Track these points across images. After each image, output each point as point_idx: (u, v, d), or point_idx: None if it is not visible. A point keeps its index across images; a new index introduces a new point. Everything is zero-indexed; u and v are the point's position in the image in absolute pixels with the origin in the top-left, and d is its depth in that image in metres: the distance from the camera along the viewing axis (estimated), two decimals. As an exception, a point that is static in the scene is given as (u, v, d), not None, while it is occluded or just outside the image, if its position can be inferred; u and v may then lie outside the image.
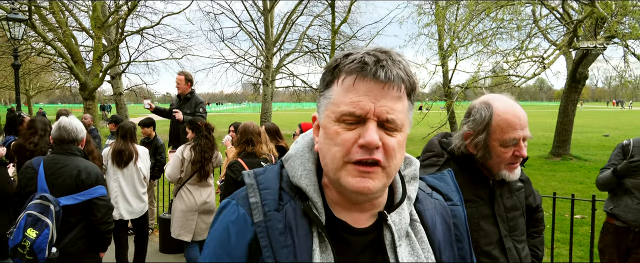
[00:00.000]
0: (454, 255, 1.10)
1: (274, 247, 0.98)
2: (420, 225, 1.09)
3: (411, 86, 1.00)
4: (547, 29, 13.86)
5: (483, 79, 14.23)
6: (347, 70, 0.98)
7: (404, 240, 1.05)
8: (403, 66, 0.98)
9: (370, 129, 0.95)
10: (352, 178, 0.96)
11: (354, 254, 1.02)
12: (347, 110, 0.96)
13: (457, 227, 1.13)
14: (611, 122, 36.29)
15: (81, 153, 3.63)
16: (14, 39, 11.78)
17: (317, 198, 1.03)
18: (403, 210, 1.07)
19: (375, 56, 0.97)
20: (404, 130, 1.00)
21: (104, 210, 3.55)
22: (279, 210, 1.02)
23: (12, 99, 50.49)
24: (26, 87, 32.97)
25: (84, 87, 17.62)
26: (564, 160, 14.37)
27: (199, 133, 5.03)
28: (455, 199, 1.18)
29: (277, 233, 0.99)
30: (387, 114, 0.95)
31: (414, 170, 1.14)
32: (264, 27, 22.81)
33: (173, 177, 5.02)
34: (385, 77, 0.95)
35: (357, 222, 1.05)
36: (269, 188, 1.05)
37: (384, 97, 0.96)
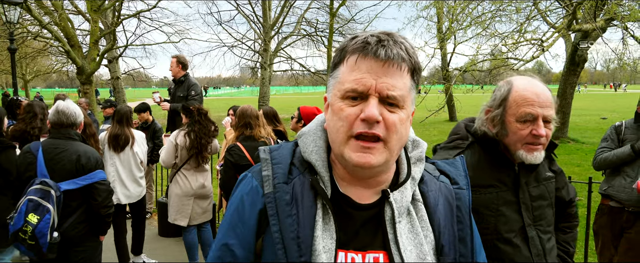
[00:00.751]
0: (454, 235, 1.13)
1: (280, 216, 1.06)
2: (422, 205, 1.13)
3: (413, 65, 1.05)
4: (547, 11, 13.75)
5: (482, 62, 14.17)
6: (351, 50, 1.05)
7: (405, 217, 1.10)
8: (405, 47, 1.03)
9: (371, 104, 1.00)
10: (353, 153, 1.02)
11: (355, 227, 1.08)
12: (350, 87, 1.02)
13: (459, 209, 1.16)
14: (609, 105, 36.33)
15: (79, 137, 3.62)
16: (9, 23, 11.68)
17: (324, 173, 1.10)
18: (406, 189, 1.12)
19: (377, 37, 1.03)
20: (406, 107, 1.05)
21: (104, 194, 3.56)
22: (288, 182, 1.10)
23: (8, 83, 50.27)
24: (23, 72, 32.77)
25: (81, 71, 17.53)
26: (561, 143, 14.41)
27: (192, 118, 4.99)
28: (461, 183, 1.21)
29: (283, 203, 1.07)
30: (387, 90, 1.01)
31: (420, 152, 1.19)
32: (262, 10, 22.65)
33: (167, 163, 5.01)
34: (386, 55, 1.00)
35: (361, 198, 1.10)
36: (281, 163, 1.13)
37: (385, 75, 1.01)
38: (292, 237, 1.04)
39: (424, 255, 1.06)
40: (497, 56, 13.55)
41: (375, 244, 1.07)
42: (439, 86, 17.61)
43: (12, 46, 12.08)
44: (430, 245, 1.09)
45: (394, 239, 1.06)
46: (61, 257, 3.49)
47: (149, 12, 21.05)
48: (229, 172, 4.24)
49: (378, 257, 1.06)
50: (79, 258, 3.58)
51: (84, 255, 3.62)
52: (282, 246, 1.04)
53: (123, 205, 5.21)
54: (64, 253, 3.50)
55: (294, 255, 1.03)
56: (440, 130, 19.51)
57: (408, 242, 1.07)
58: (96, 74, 22.80)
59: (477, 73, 15.31)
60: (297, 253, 1.03)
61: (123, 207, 5.24)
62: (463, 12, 13.60)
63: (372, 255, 1.06)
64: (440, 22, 15.92)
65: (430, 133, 18.49)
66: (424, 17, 16.49)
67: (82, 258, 3.60)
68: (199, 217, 5.07)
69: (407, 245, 1.06)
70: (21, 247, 3.33)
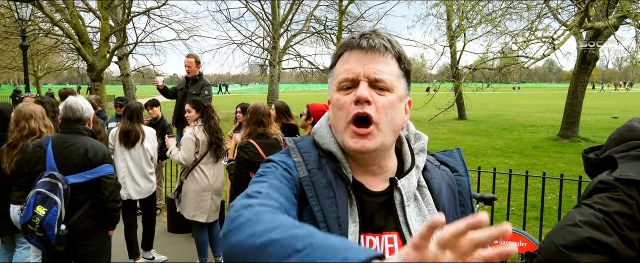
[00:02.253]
0: (458, 216, 1.23)
1: (320, 197, 1.12)
2: (427, 190, 1.24)
3: (397, 53, 1.17)
4: (558, 9, 13.64)
5: (492, 60, 14.08)
6: (341, 49, 1.19)
7: (413, 202, 1.20)
8: (387, 38, 1.17)
9: (361, 87, 1.12)
10: (350, 139, 1.14)
11: (371, 212, 1.18)
12: (343, 77, 1.16)
13: (461, 194, 1.28)
14: (620, 104, 35.95)
15: (89, 132, 3.66)
16: (21, 20, 11.79)
17: (345, 161, 1.19)
18: (411, 176, 1.22)
19: (361, 33, 1.17)
20: (396, 91, 1.16)
21: (111, 188, 3.59)
22: (320, 169, 1.18)
23: (20, 80, 50.69)
24: (34, 68, 33.09)
25: (92, 68, 17.65)
26: (572, 142, 14.29)
27: (207, 114, 5.04)
28: (460, 171, 1.32)
29: (322, 186, 1.14)
30: (374, 74, 1.13)
31: (422, 144, 1.30)
32: (271, 8, 22.63)
33: (189, 161, 5.02)
34: (368, 45, 1.14)
35: (372, 186, 1.21)
36: (309, 152, 1.22)
37: (371, 62, 1.14)
38: (334, 216, 1.11)
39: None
40: (507, 54, 13.47)
41: (388, 227, 1.17)
42: (448, 84, 17.53)
43: (24, 43, 12.20)
44: None
45: (404, 221, 1.17)
46: (70, 250, 3.54)
47: (159, 10, 21.12)
48: (242, 169, 4.24)
49: (392, 237, 1.16)
50: (87, 252, 3.62)
51: (92, 249, 3.65)
52: (325, 225, 1.10)
53: (134, 200, 5.25)
54: (72, 247, 3.55)
55: (337, 234, 1.09)
56: (450, 128, 19.43)
57: (417, 223, 1.17)
58: (106, 70, 22.94)
59: (487, 71, 15.22)
60: (338, 232, 1.10)
61: (134, 202, 5.28)
62: (473, 9, 13.53)
63: (387, 236, 1.16)
64: (450, 20, 15.82)
65: (440, 131, 18.41)
66: (433, 14, 16.44)
67: (89, 252, 3.63)
68: (214, 214, 5.11)
69: (416, 226, 1.16)
70: (31, 239, 3.39)
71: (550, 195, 7.86)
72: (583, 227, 1.51)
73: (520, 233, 4.20)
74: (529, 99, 45.23)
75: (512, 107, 33.10)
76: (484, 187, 6.55)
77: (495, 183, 5.25)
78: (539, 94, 58.29)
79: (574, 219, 1.56)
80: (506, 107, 33.71)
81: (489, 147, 14.21)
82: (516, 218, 6.59)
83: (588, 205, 1.59)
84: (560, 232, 1.55)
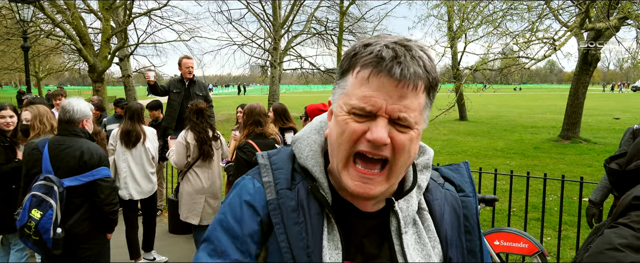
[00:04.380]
0: (462, 247, 1.07)
1: (286, 224, 0.98)
2: (428, 214, 1.07)
3: (430, 84, 0.95)
4: (559, 9, 13.61)
5: (492, 60, 14.07)
6: (363, 62, 0.94)
7: (411, 227, 1.04)
8: (423, 63, 0.93)
9: (379, 126, 0.92)
10: (352, 182, 0.96)
11: (359, 238, 1.01)
12: (358, 105, 0.93)
13: (467, 218, 1.09)
14: (621, 105, 35.91)
15: (86, 134, 3.62)
16: (23, 21, 11.80)
17: (323, 179, 1.02)
18: (411, 197, 1.05)
19: (394, 50, 0.92)
20: (417, 127, 0.96)
21: (107, 191, 3.54)
22: (291, 188, 1.02)
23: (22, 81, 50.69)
24: (36, 69, 33.11)
25: (93, 69, 17.67)
26: (573, 143, 14.27)
27: (200, 116, 4.97)
28: (467, 190, 1.13)
29: (289, 210, 0.99)
30: (399, 112, 0.92)
31: (427, 159, 1.12)
32: (272, 9, 22.65)
33: (180, 164, 5.03)
34: (401, 75, 0.90)
35: (364, 206, 1.03)
36: (282, 168, 1.05)
37: (398, 95, 0.91)
38: (302, 246, 0.96)
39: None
40: (508, 55, 13.46)
41: (381, 256, 1.01)
42: (449, 85, 17.51)
43: (26, 44, 12.21)
44: (438, 257, 1.03)
45: (401, 251, 1.00)
46: (68, 254, 3.51)
47: (160, 11, 21.12)
48: (242, 169, 4.24)
49: None
50: (84, 256, 3.58)
51: (90, 253, 3.61)
52: (291, 257, 0.96)
53: (135, 201, 5.25)
54: (70, 250, 3.51)
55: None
56: (451, 129, 19.43)
57: (415, 253, 1.01)
58: (107, 71, 22.96)
59: (488, 72, 15.20)
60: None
61: (135, 202, 5.28)
62: (474, 10, 13.52)
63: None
64: (451, 21, 15.81)
65: (440, 132, 18.41)
66: (434, 15, 16.42)
67: (87, 255, 3.60)
68: (209, 217, 5.09)
69: (415, 257, 1.00)
70: (27, 242, 3.37)
71: (551, 196, 7.85)
72: (624, 250, 1.34)
73: (521, 235, 4.20)
74: (530, 100, 45.19)
75: (513, 108, 33.07)
76: (485, 188, 6.54)
77: (497, 184, 5.25)
78: (540, 95, 58.23)
79: (612, 242, 1.38)
80: (507, 108, 33.68)
81: (490, 148, 14.20)
82: (517, 219, 6.59)
83: (626, 225, 1.42)
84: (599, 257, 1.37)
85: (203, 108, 4.99)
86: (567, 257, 5.36)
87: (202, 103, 5.06)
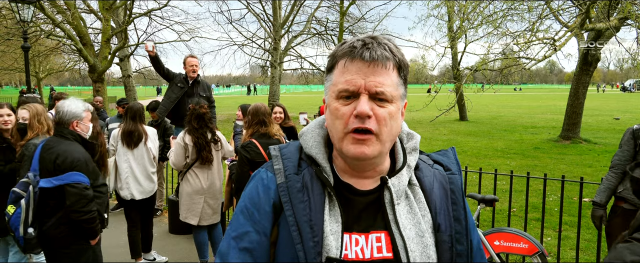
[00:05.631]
0: (449, 215, 1.22)
1: (293, 202, 1.17)
2: (419, 189, 1.24)
3: (398, 62, 1.16)
4: (559, 10, 13.61)
5: (493, 61, 14.07)
6: (341, 55, 1.16)
7: (404, 200, 1.21)
8: (388, 47, 1.15)
9: (362, 101, 1.11)
10: (351, 145, 1.14)
11: (358, 212, 1.19)
12: (343, 88, 1.14)
13: (453, 192, 1.26)
14: (622, 105, 35.91)
15: (74, 136, 3.52)
16: (23, 21, 11.80)
17: (325, 164, 1.22)
18: (402, 175, 1.22)
19: (363, 41, 1.14)
20: (395, 101, 1.16)
21: (74, 198, 3.36)
22: (298, 174, 1.22)
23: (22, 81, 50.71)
24: (36, 70, 33.10)
25: (93, 69, 17.69)
26: (573, 144, 14.27)
27: (198, 117, 4.95)
28: (453, 169, 1.31)
29: (295, 190, 1.19)
30: (375, 87, 1.12)
31: (414, 143, 1.30)
32: (272, 9, 22.65)
33: (178, 165, 5.02)
34: (370, 57, 1.12)
35: (362, 186, 1.22)
36: (290, 158, 1.26)
37: (372, 74, 1.12)
38: (306, 219, 1.15)
39: (422, 232, 1.17)
40: (508, 55, 13.46)
41: (376, 225, 1.18)
42: (449, 85, 17.52)
43: (26, 44, 12.21)
44: (428, 224, 1.20)
45: (394, 219, 1.17)
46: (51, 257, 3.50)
47: (160, 11, 21.12)
48: (244, 168, 4.26)
49: (380, 236, 1.17)
50: (66, 260, 3.51)
51: (70, 259, 3.51)
52: (296, 228, 1.15)
53: (137, 200, 5.24)
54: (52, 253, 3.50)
55: (308, 236, 1.14)
56: (451, 129, 19.42)
57: (407, 221, 1.17)
58: (108, 72, 22.97)
59: (488, 72, 15.21)
60: (310, 235, 1.14)
61: (136, 202, 5.28)
62: (474, 10, 13.52)
63: (374, 235, 1.17)
64: (451, 21, 15.82)
65: (441, 132, 18.41)
66: (434, 15, 16.46)
67: (67, 261, 3.51)
68: (209, 217, 5.09)
69: (407, 224, 1.17)
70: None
71: (551, 196, 7.86)
72: None
73: (521, 235, 4.20)
74: (530, 100, 45.20)
75: (513, 108, 33.08)
76: (485, 188, 6.54)
77: (497, 185, 5.25)
78: (541, 95, 58.24)
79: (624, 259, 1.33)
80: (507, 108, 33.69)
81: (490, 148, 14.20)
82: (517, 220, 6.59)
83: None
84: None
85: (204, 113, 4.97)
86: (567, 257, 5.36)
87: (203, 107, 5.04)
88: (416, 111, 18.16)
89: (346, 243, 1.15)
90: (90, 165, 3.51)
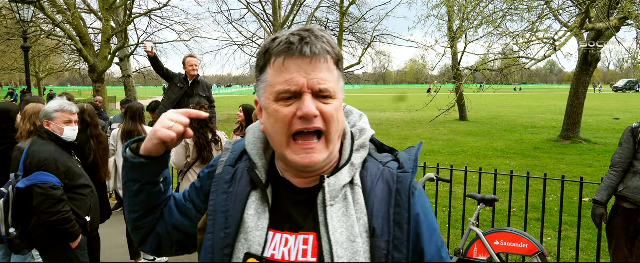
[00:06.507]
0: (388, 218, 1.10)
1: (217, 192, 1.20)
2: (360, 190, 1.14)
3: (337, 57, 1.11)
4: (559, 10, 13.61)
5: (493, 61, 14.08)
6: (276, 53, 1.07)
7: (341, 202, 1.12)
8: (327, 40, 1.09)
9: (307, 101, 1.04)
10: (296, 156, 1.08)
11: (289, 209, 1.15)
12: (283, 89, 1.06)
13: (399, 193, 1.13)
14: (622, 105, 35.90)
15: (49, 135, 3.47)
16: (23, 21, 11.80)
17: (258, 160, 1.19)
18: (342, 174, 1.14)
19: (299, 35, 1.06)
20: (338, 96, 1.10)
21: (40, 198, 3.27)
22: (234, 166, 1.23)
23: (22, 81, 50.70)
24: (36, 70, 33.08)
25: (93, 69, 17.68)
26: (573, 144, 14.27)
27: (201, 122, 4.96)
28: (406, 167, 1.18)
29: (223, 182, 1.21)
30: (319, 84, 1.05)
31: (364, 139, 1.22)
32: (272, 9, 22.65)
33: (179, 165, 5.02)
34: (311, 52, 1.04)
35: (301, 183, 1.17)
36: (236, 151, 1.27)
37: (313, 70, 1.05)
38: (223, 210, 1.16)
39: (355, 236, 1.07)
40: (508, 55, 13.47)
41: (307, 226, 1.12)
42: (449, 85, 17.53)
43: (26, 44, 12.21)
44: (364, 228, 1.10)
45: (324, 221, 1.09)
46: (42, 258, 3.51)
47: (160, 11, 21.11)
48: None
49: (308, 238, 1.11)
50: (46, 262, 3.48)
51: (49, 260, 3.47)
52: (213, 218, 1.17)
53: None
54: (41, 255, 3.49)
55: (221, 227, 1.14)
56: (451, 129, 19.42)
57: (340, 224, 1.08)
58: (108, 72, 22.96)
59: (488, 72, 15.22)
60: (223, 225, 1.14)
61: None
62: (474, 10, 13.53)
63: (302, 237, 1.11)
64: (451, 21, 15.82)
65: (441, 132, 18.41)
66: (434, 15, 16.46)
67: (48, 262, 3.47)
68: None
69: (338, 228, 1.08)
70: None
71: (551, 196, 7.85)
72: None
73: (521, 235, 4.20)
74: (530, 100, 45.19)
75: (513, 108, 33.08)
76: (485, 189, 6.54)
77: (497, 185, 5.25)
78: (541, 95, 58.24)
79: None
80: (507, 108, 33.69)
81: (490, 148, 14.20)
82: (517, 220, 6.59)
83: None
84: None
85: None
86: (567, 257, 5.36)
87: (204, 108, 5.03)
88: (416, 111, 18.16)
89: (276, 242, 1.11)
90: (61, 166, 3.39)
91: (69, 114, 3.54)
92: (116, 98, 33.95)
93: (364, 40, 24.72)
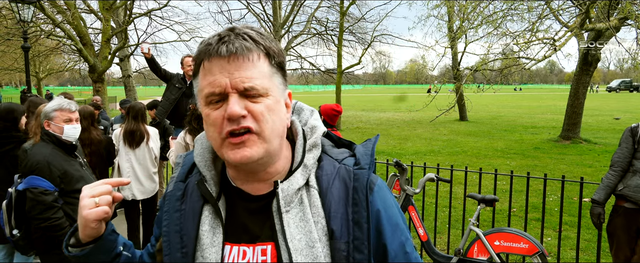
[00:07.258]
0: (346, 218, 1.06)
1: (170, 211, 1.14)
2: (315, 192, 1.09)
3: (264, 49, 1.04)
4: (559, 10, 13.61)
5: (493, 61, 14.08)
6: (201, 57, 1.04)
7: (297, 206, 1.07)
8: (248, 36, 1.03)
9: (232, 102, 1.00)
10: (230, 152, 1.02)
11: (244, 219, 1.09)
12: (208, 91, 1.02)
13: (356, 190, 1.07)
14: (622, 105, 35.90)
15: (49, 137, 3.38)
16: (23, 21, 11.80)
17: (206, 172, 1.13)
18: (295, 177, 1.09)
19: (219, 35, 1.03)
20: (272, 93, 1.04)
21: (30, 203, 3.19)
22: (184, 181, 1.18)
23: (22, 82, 50.75)
24: (36, 70, 33.10)
25: (93, 69, 17.67)
26: (573, 144, 14.27)
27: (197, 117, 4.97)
28: (363, 162, 1.12)
29: (174, 199, 1.16)
30: (242, 83, 1.00)
31: (315, 138, 1.16)
32: (272, 9, 22.65)
33: None
34: (227, 51, 1.00)
35: (255, 191, 1.11)
36: (185, 165, 1.22)
37: (236, 70, 1.00)
38: (177, 229, 1.11)
39: (313, 242, 1.03)
40: (508, 55, 13.46)
41: (263, 236, 1.07)
42: (449, 85, 17.52)
43: (26, 44, 12.21)
44: (323, 231, 1.05)
45: (281, 229, 1.04)
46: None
47: (160, 11, 21.10)
48: None
49: (266, 248, 1.06)
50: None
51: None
52: (167, 239, 1.11)
53: (137, 201, 5.25)
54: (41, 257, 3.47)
55: (176, 247, 1.09)
56: (451, 129, 19.42)
57: (297, 230, 1.04)
58: (108, 72, 22.97)
59: (488, 72, 15.21)
60: (179, 245, 1.09)
61: (137, 203, 5.28)
62: (474, 10, 13.52)
63: (260, 247, 1.06)
64: (451, 21, 15.82)
65: (441, 132, 18.41)
66: (434, 15, 16.47)
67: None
68: None
69: (296, 234, 1.03)
70: None
71: (551, 196, 7.86)
72: None
73: (521, 235, 4.20)
74: (530, 100, 45.19)
75: (513, 109, 33.08)
76: (485, 188, 6.54)
77: (497, 185, 5.25)
78: (541, 95, 58.23)
79: None
80: (507, 108, 33.69)
81: (490, 148, 14.20)
82: (517, 220, 6.59)
83: None
84: None
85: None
86: (568, 257, 5.36)
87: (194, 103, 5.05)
88: (416, 111, 18.16)
89: (233, 255, 1.06)
90: (56, 170, 3.29)
91: (68, 112, 3.43)
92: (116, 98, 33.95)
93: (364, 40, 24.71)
